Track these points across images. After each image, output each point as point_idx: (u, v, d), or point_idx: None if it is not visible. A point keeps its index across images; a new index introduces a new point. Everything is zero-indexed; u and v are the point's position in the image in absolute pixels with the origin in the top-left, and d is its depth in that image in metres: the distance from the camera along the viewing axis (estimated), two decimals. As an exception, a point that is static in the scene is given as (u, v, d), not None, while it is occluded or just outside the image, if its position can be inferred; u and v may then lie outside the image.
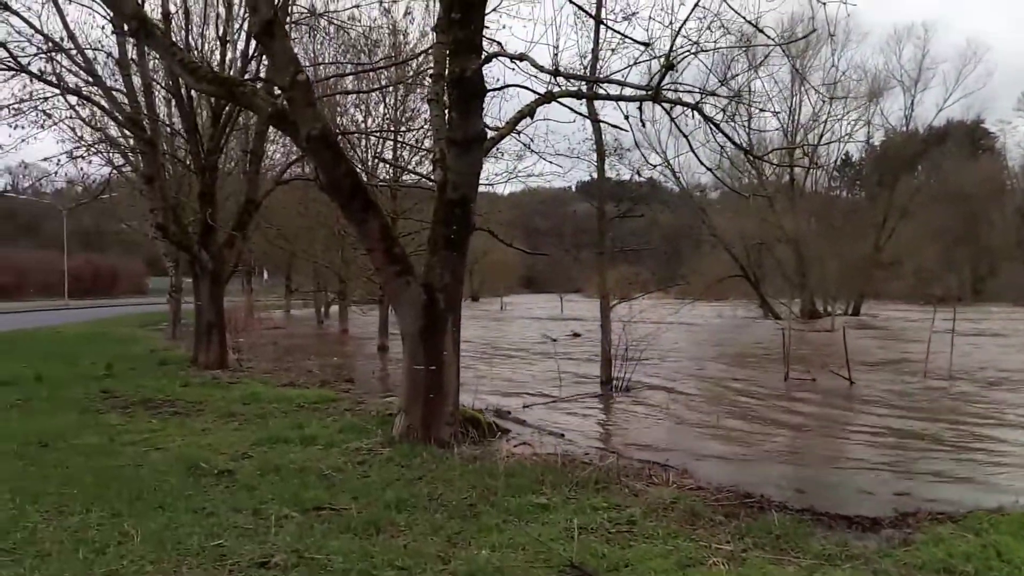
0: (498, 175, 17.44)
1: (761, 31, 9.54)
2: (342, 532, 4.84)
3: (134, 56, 14.44)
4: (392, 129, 19.42)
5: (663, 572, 4.23)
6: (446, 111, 7.98)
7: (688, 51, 9.36)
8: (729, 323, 38.21)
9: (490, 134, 8.18)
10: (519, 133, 10.07)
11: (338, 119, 19.51)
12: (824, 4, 7.84)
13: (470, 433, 8.03)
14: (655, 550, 4.62)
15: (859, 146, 56.35)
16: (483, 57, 7.67)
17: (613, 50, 11.72)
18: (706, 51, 9.82)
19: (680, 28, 8.83)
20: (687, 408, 12.50)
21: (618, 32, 9.96)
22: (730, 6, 8.39)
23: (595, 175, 15.08)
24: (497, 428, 8.95)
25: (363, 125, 20.84)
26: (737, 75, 15.17)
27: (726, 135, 10.01)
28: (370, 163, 19.92)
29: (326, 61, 17.18)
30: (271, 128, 14.51)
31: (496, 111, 13.46)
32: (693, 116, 9.10)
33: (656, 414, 11.82)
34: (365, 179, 13.02)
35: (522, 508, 5.45)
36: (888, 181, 51.07)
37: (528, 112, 8.31)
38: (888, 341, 26.60)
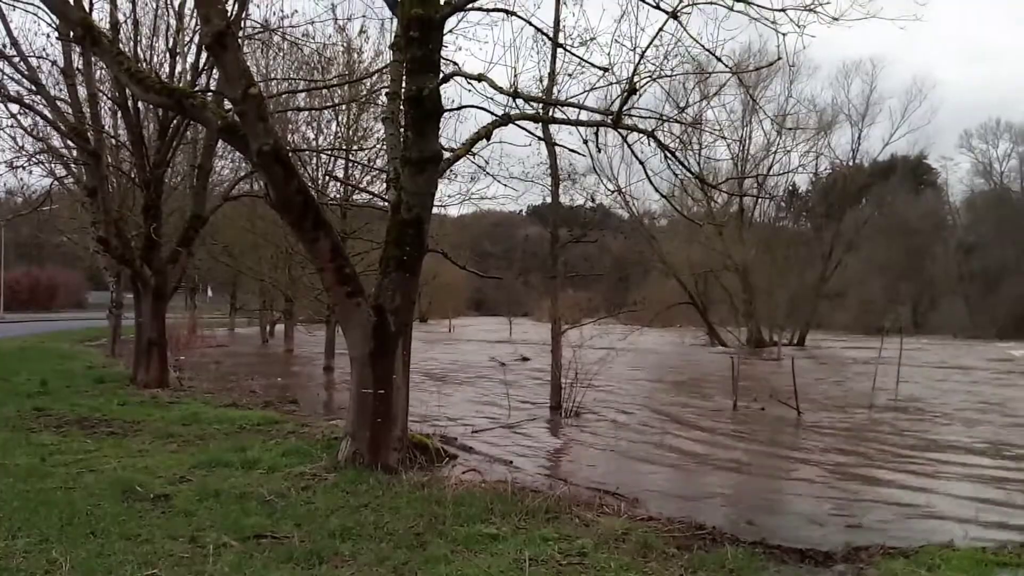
0: (451, 196, 17.45)
1: (719, 59, 9.74)
2: (283, 562, 4.67)
3: (80, 65, 14.06)
4: (344, 147, 19.30)
5: (616, 607, 4.17)
6: (401, 130, 7.93)
7: (649, 77, 9.52)
8: (677, 350, 38.65)
9: (445, 155, 8.16)
10: (474, 155, 10.09)
11: (289, 136, 19.33)
12: (784, 35, 8.04)
13: (418, 459, 7.92)
14: (607, 584, 4.52)
15: (807, 178, 57.86)
16: (440, 77, 7.66)
17: (571, 74, 11.88)
18: (666, 77, 10.02)
19: (643, 53, 8.97)
20: (637, 435, 12.54)
21: (577, 56, 10.09)
22: (689, 34, 8.54)
23: (548, 199, 15.19)
24: (445, 454, 8.84)
25: (314, 143, 20.69)
26: (692, 104, 15.45)
27: (680, 163, 10.16)
28: (321, 181, 19.77)
29: (278, 77, 17.02)
30: (220, 142, 14.27)
31: (452, 132, 13.58)
32: (648, 143, 9.22)
33: (606, 441, 11.84)
34: (316, 197, 12.84)
35: (471, 538, 5.34)
36: (835, 213, 52.53)
37: (485, 134, 8.30)
38: (834, 372, 27.18)
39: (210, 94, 12.83)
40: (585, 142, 9.36)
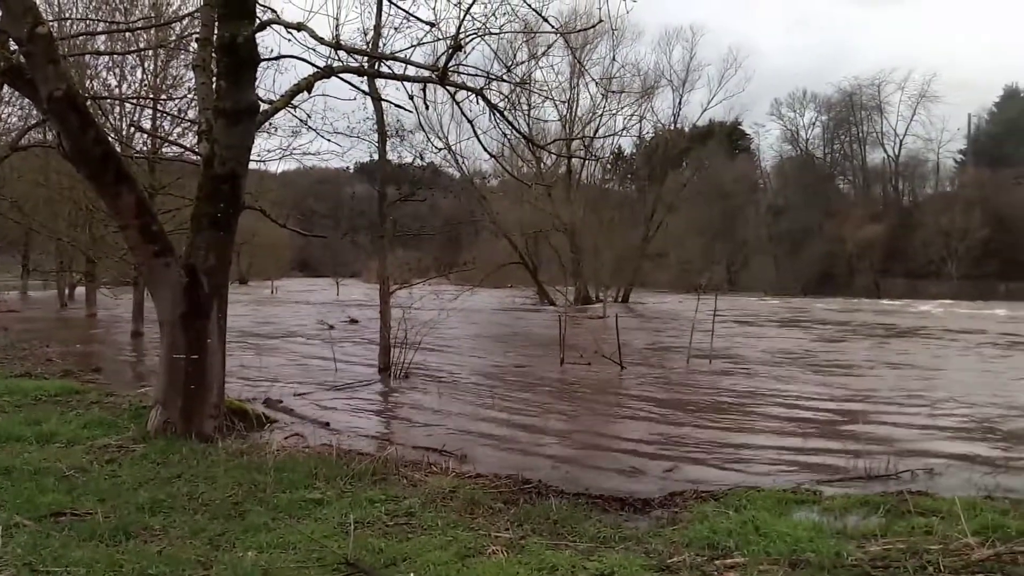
0: (270, 151, 16.69)
1: (546, 20, 9.98)
2: (85, 540, 4.43)
3: None
4: (151, 96, 18.00)
5: (442, 564, 4.25)
6: (214, 79, 7.56)
7: (475, 34, 9.59)
8: (508, 310, 39.58)
9: (263, 107, 7.86)
10: (295, 108, 9.78)
11: (88, 82, 17.77)
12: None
13: (236, 426, 7.73)
14: (434, 541, 4.65)
15: (631, 141, 60.49)
16: (257, 24, 7.34)
17: (397, 28, 11.68)
18: (492, 35, 10.13)
19: (468, 9, 9.00)
20: (466, 394, 12.80)
21: (403, 9, 9.97)
22: (516, -7, 8.69)
23: (376, 156, 15.00)
24: (267, 420, 8.68)
25: (117, 90, 19.13)
26: (520, 63, 15.70)
27: (509, 122, 10.36)
28: (125, 132, 18.40)
29: (75, 17, 15.53)
30: (5, 87, 12.89)
31: (270, 83, 12.93)
32: (477, 101, 9.33)
33: (436, 401, 12.01)
34: (119, 149, 11.95)
35: (293, 504, 5.30)
36: (657, 176, 55.36)
37: (306, 86, 8.07)
38: (656, 328, 28.90)
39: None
40: (411, 98, 9.32)
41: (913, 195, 74.02)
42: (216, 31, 7.38)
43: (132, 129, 18.64)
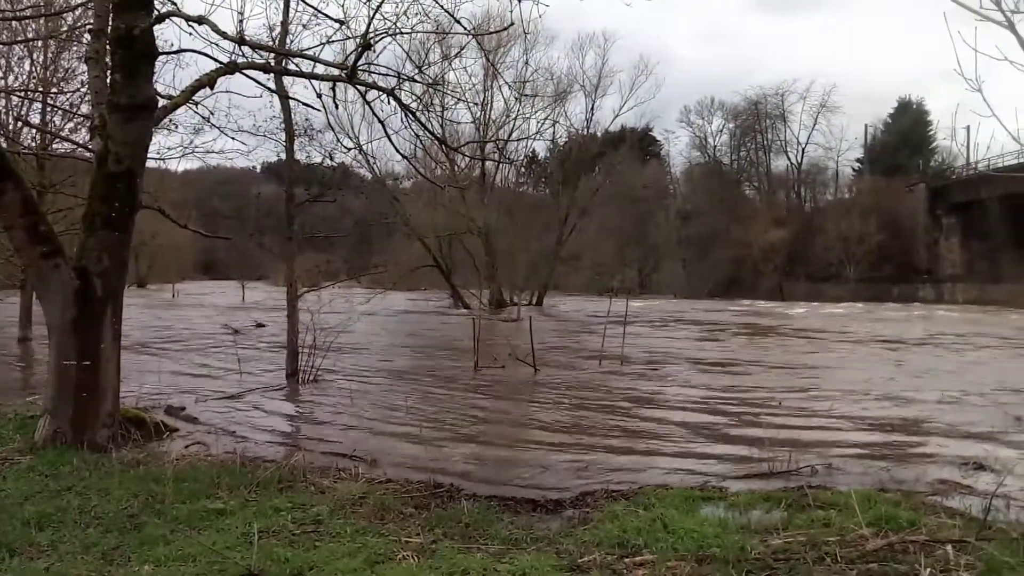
0: (171, 149, 16.03)
1: (458, 21, 9.98)
2: (-37, 560, 4.21)
3: None
4: (41, 90, 17.12)
5: (351, 571, 4.22)
6: (108, 72, 7.26)
7: (385, 33, 9.51)
8: (421, 313, 39.40)
9: (162, 102, 7.60)
10: (197, 104, 9.50)
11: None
12: (519, 2, 8.42)
13: (133, 435, 7.43)
14: (342, 549, 4.60)
15: (545, 145, 61.19)
16: (155, 16, 7.09)
17: (305, 25, 11.52)
18: (403, 34, 10.07)
19: (378, 8, 8.93)
20: (378, 398, 12.65)
21: (311, 6, 9.82)
22: (427, -7, 8.67)
23: (283, 156, 14.67)
24: (166, 428, 8.38)
25: (2, 83, 18.13)
26: (433, 64, 15.64)
27: (421, 123, 10.31)
28: (12, 127, 17.48)
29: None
30: None
31: (170, 78, 12.42)
32: (388, 102, 9.24)
33: (346, 406, 11.81)
34: (4, 144, 11.36)
35: (194, 515, 5.15)
36: (571, 180, 56.17)
37: (208, 82, 7.83)
38: (569, 330, 29.24)
39: None
40: (319, 96, 9.15)
41: (814, 201, 77.71)
42: (111, 22, 7.09)
43: (19, 124, 17.72)
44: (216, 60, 8.04)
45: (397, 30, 9.64)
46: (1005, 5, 3.88)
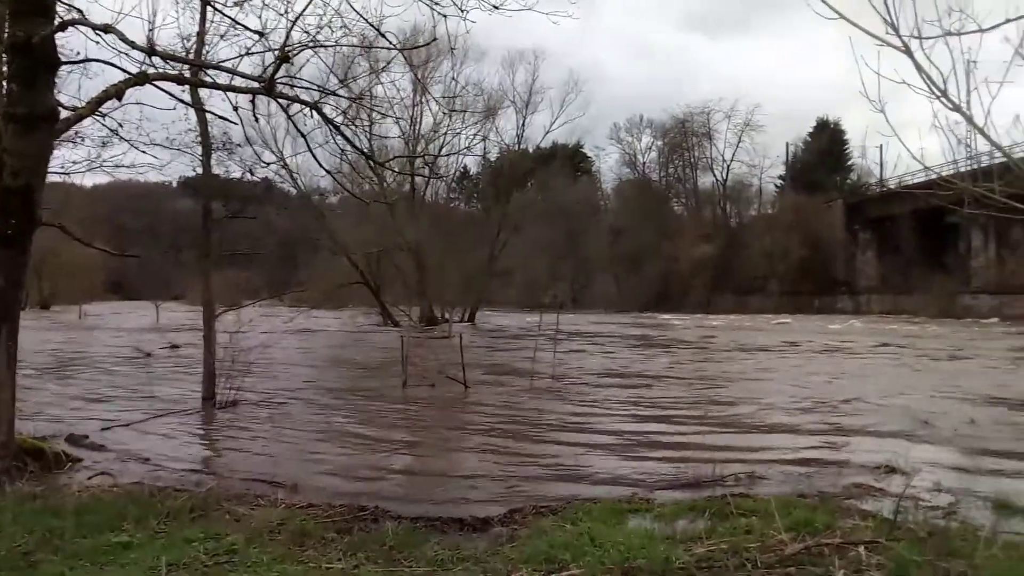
0: (76, 163, 15.45)
1: (383, 35, 9.93)
2: None
3: None
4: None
5: (266, 602, 4.10)
6: (4, 82, 7.00)
7: (305, 45, 9.41)
8: (349, 332, 38.87)
9: (65, 114, 7.35)
10: (104, 116, 9.22)
11: None
12: (445, 17, 8.46)
13: (29, 467, 7.10)
14: (259, 579, 4.46)
15: (477, 161, 61.48)
16: (57, 23, 6.88)
17: (222, 36, 11.28)
18: (325, 47, 9.97)
19: (296, 19, 8.84)
20: (301, 421, 12.39)
21: (228, 17, 9.65)
22: (352, 6, 8.63)
23: (200, 170, 14.32)
24: (68, 458, 8.03)
25: None
26: (358, 77, 15.54)
27: (346, 138, 10.22)
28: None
29: None
30: None
31: (75, 88, 11.93)
32: (312, 115, 9.13)
33: (267, 430, 11.54)
34: None
35: (96, 550, 4.93)
36: (503, 196, 56.57)
37: (115, 93, 7.59)
38: (501, 346, 29.30)
39: None
40: (235, 108, 9.00)
41: (740, 217, 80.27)
42: (7, 29, 6.84)
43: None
44: (125, 71, 7.82)
45: (318, 43, 9.55)
46: (903, 32, 4.09)
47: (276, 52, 8.57)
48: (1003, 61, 4.05)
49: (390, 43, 10.70)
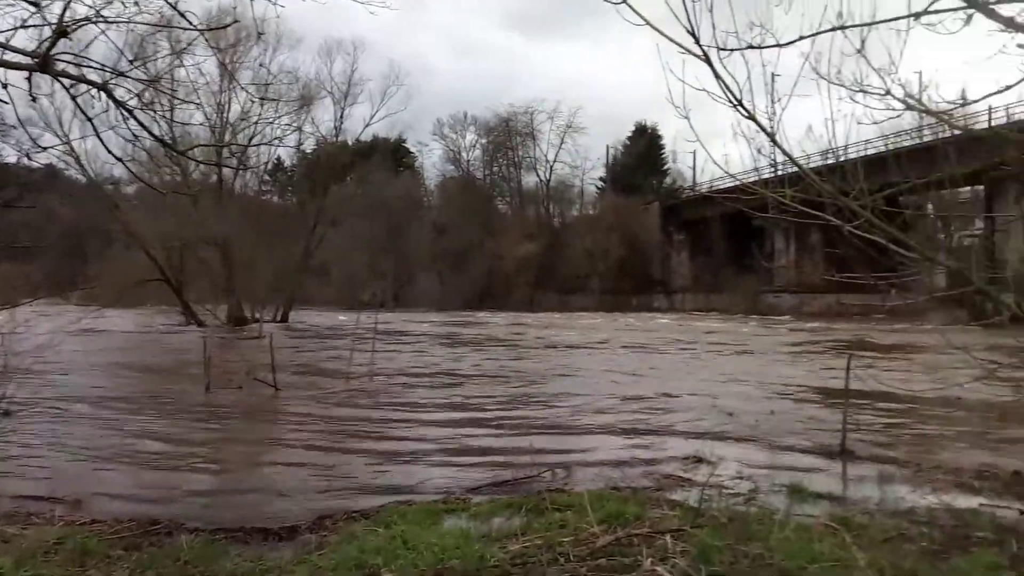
0: None
1: (182, 15, 9.27)
2: None
3: None
4: None
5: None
6: None
7: (87, 20, 8.63)
8: (146, 333, 36.44)
9: None
10: None
11: None
12: (251, 1, 7.99)
13: None
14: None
15: (291, 152, 59.59)
16: None
17: (-7, 7, 10.15)
18: (111, 22, 9.18)
19: (74, -10, 8.06)
20: (88, 430, 11.43)
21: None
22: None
23: (-33, 150, 12.92)
24: None
25: None
26: (155, 58, 14.52)
27: (140, 123, 9.46)
28: None
29: None
30: None
31: None
32: (101, 98, 8.38)
33: (46, 440, 10.54)
34: None
35: None
36: (319, 189, 55.15)
37: None
38: (316, 346, 28.59)
39: None
40: (4, 86, 8.09)
41: (562, 217, 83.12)
42: None
43: None
44: None
45: (103, 19, 8.78)
46: (705, 42, 4.26)
47: (54, 26, 7.79)
48: (803, 77, 4.37)
49: (190, 23, 10.04)
